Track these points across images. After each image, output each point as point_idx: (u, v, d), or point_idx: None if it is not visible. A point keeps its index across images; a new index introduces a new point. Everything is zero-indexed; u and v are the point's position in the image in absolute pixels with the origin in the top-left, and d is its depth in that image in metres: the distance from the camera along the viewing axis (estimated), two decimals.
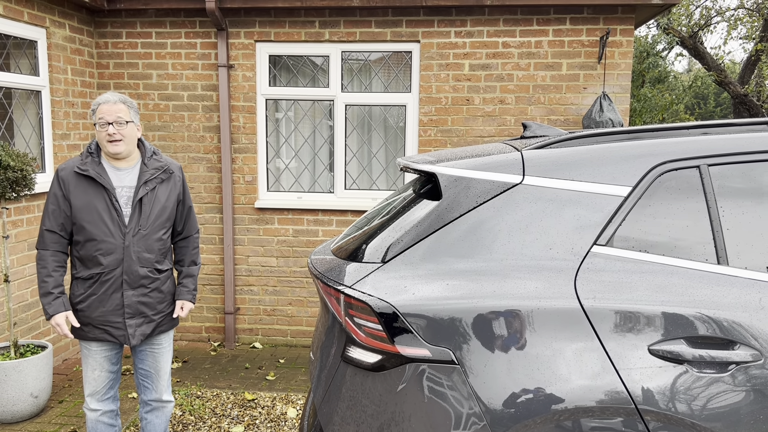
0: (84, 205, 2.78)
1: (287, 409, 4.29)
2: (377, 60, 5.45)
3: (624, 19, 5.08)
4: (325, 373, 2.10)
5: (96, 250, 2.79)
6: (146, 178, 2.86)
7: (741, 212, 1.88)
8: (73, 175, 2.80)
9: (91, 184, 2.80)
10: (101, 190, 2.79)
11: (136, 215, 2.82)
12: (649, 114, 12.94)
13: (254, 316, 5.69)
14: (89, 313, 2.85)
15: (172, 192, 2.96)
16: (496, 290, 1.84)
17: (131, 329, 2.87)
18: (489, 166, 2.02)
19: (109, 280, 2.82)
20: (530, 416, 1.77)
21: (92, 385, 2.96)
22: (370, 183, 5.63)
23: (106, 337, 2.87)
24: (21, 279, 4.64)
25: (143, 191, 2.83)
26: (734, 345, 1.76)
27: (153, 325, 2.95)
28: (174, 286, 3.07)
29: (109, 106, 2.77)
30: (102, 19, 5.46)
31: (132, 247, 2.82)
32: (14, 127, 4.70)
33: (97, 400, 2.98)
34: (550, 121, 5.23)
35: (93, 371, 2.94)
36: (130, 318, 2.87)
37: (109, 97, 2.80)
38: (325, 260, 2.21)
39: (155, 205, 2.88)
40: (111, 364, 2.98)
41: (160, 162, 2.94)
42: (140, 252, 2.84)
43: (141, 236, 2.83)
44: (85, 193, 2.79)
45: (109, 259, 2.80)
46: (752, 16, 12.14)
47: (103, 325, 2.86)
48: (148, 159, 2.91)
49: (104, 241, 2.78)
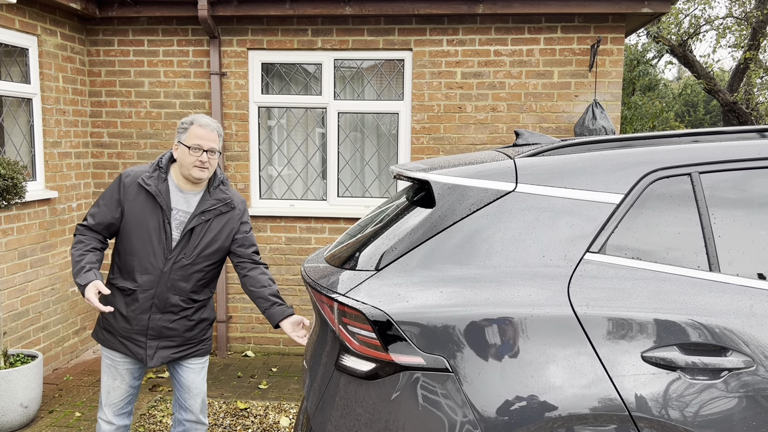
0: (137, 218, 2.69)
1: (280, 417, 4.26)
2: (370, 68, 5.47)
3: (614, 28, 5.12)
4: (319, 381, 2.09)
5: (135, 267, 2.70)
6: (205, 207, 2.75)
7: (732, 219, 1.89)
8: (135, 185, 2.71)
9: (150, 200, 2.70)
10: (158, 209, 2.70)
11: (183, 243, 2.72)
12: (639, 122, 13.03)
13: (246, 324, 5.66)
14: (113, 323, 2.76)
15: (227, 225, 2.82)
16: (490, 298, 1.84)
17: (150, 350, 2.77)
18: (482, 174, 2.02)
19: (139, 300, 2.71)
20: (524, 424, 1.77)
21: (111, 395, 2.86)
22: (362, 190, 5.63)
23: (125, 350, 2.78)
24: (11, 288, 4.60)
25: (197, 221, 2.73)
26: (727, 351, 1.77)
27: (175, 351, 2.82)
28: (210, 313, 2.90)
29: (208, 132, 2.67)
30: (94, 27, 5.45)
31: (170, 274, 2.71)
32: (5, 135, 4.67)
33: (114, 414, 2.88)
34: (542, 129, 5.26)
35: (114, 380, 2.85)
36: (153, 339, 2.76)
37: (209, 122, 2.70)
38: (318, 268, 2.21)
39: (206, 236, 2.76)
40: (133, 379, 2.88)
41: (224, 194, 2.82)
42: (176, 280, 2.73)
43: (182, 265, 2.73)
44: (142, 206, 2.69)
45: (145, 278, 2.70)
46: (741, 24, 12.28)
47: (125, 339, 2.77)
48: (213, 188, 2.81)
49: (145, 260, 2.70)
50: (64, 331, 5.23)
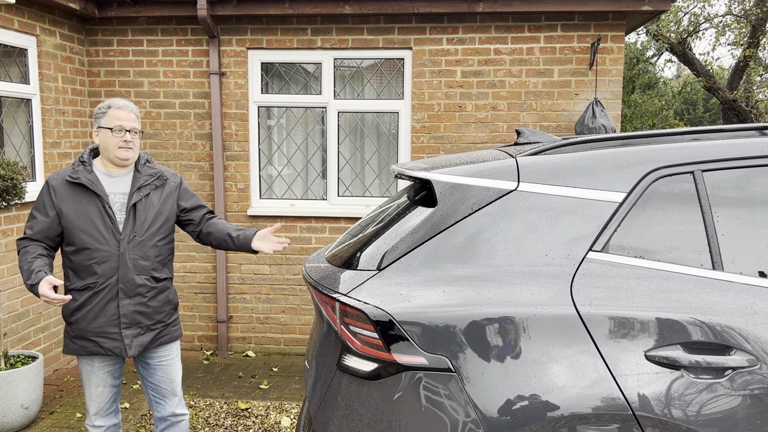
0: (77, 214, 2.71)
1: (281, 418, 4.26)
2: (369, 67, 5.46)
3: (615, 26, 5.12)
4: (321, 381, 2.08)
5: (90, 259, 2.72)
6: (140, 183, 2.80)
7: (735, 217, 1.89)
8: (64, 184, 2.74)
9: (84, 192, 2.73)
10: (94, 198, 2.73)
11: (130, 221, 2.76)
12: (639, 120, 13.03)
13: (247, 324, 5.66)
14: (84, 325, 2.75)
15: (168, 198, 2.89)
16: (493, 297, 1.84)
17: (128, 339, 2.77)
18: (484, 173, 2.01)
19: (105, 289, 2.73)
20: (527, 423, 1.77)
21: (96, 402, 2.87)
22: (363, 190, 5.62)
23: (99, 350, 2.77)
24: (11, 289, 4.59)
25: (137, 197, 2.78)
26: (730, 350, 1.76)
27: (152, 335, 2.85)
28: (174, 296, 2.98)
29: (127, 113, 2.74)
30: (93, 27, 5.43)
31: (127, 254, 2.74)
32: (4, 136, 4.66)
33: (101, 416, 2.90)
34: (543, 128, 5.25)
35: (96, 387, 2.86)
36: (126, 328, 2.77)
37: (126, 103, 2.76)
38: (319, 268, 2.20)
39: (150, 210, 2.81)
40: (113, 379, 2.90)
41: (153, 169, 2.90)
42: (136, 259, 2.76)
43: (136, 243, 2.76)
44: (78, 201, 2.72)
45: (104, 267, 2.72)
46: (740, 22, 12.27)
47: (98, 336, 2.75)
48: (141, 166, 2.87)
49: (98, 250, 2.71)
50: None
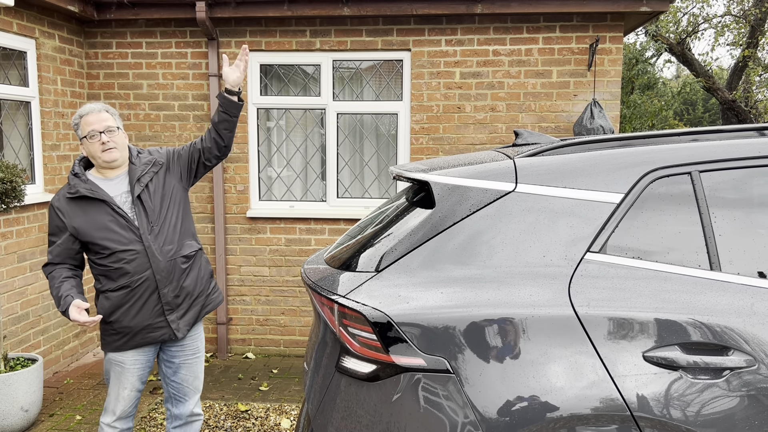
0: (90, 225, 2.70)
1: (281, 419, 4.26)
2: (368, 68, 5.46)
3: (613, 27, 5.12)
4: (320, 383, 2.08)
5: (118, 261, 2.71)
6: (137, 175, 2.78)
7: (733, 218, 1.89)
8: (67, 202, 2.73)
9: (89, 203, 2.72)
10: (100, 205, 2.72)
11: (142, 214, 2.74)
12: (638, 120, 13.04)
13: (247, 326, 5.66)
14: (127, 322, 2.75)
15: (167, 178, 2.87)
16: (491, 298, 1.84)
17: (174, 324, 2.81)
18: (482, 174, 2.02)
19: (142, 285, 2.73)
20: (526, 424, 1.77)
21: (123, 404, 2.87)
22: (362, 191, 5.62)
23: (146, 341, 2.79)
24: (11, 291, 4.59)
25: (138, 188, 2.76)
26: (728, 351, 1.76)
27: (196, 310, 2.90)
28: (207, 265, 3.00)
29: (95, 115, 2.71)
30: (92, 30, 5.44)
31: (153, 246, 2.74)
32: (3, 139, 4.67)
33: (120, 418, 2.90)
34: (541, 129, 5.25)
35: (124, 390, 2.86)
36: (171, 312, 2.80)
37: (92, 107, 2.74)
38: (318, 270, 2.20)
39: (155, 196, 2.80)
40: (140, 383, 2.91)
41: (147, 158, 2.87)
42: (161, 246, 2.76)
43: (156, 232, 2.76)
44: (86, 213, 2.71)
45: (134, 265, 2.71)
46: (739, 22, 12.27)
47: (144, 329, 2.77)
48: (135, 158, 2.85)
49: (125, 251, 2.70)
50: (64, 334, 5.22)
